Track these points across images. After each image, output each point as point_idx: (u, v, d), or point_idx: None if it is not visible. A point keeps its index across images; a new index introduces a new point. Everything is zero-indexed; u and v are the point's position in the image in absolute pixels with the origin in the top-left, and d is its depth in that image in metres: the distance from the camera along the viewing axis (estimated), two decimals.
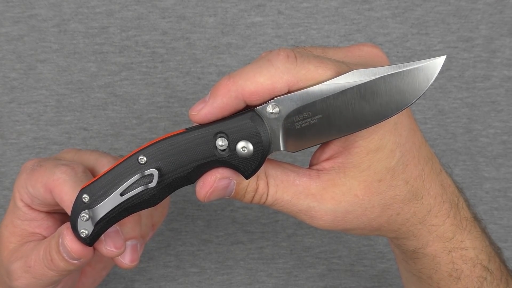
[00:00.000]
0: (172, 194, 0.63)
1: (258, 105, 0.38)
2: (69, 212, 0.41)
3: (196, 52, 0.61)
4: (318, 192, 0.40)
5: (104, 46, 0.60)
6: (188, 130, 0.38)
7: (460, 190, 0.46)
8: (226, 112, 0.38)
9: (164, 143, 0.38)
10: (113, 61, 0.61)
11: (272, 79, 0.37)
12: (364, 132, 0.39)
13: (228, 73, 0.62)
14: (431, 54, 0.62)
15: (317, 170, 0.41)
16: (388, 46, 0.62)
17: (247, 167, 0.38)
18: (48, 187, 0.43)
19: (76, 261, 0.42)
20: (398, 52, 0.62)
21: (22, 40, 0.60)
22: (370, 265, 0.65)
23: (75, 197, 0.40)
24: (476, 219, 0.46)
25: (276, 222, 0.64)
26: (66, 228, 0.42)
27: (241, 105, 0.38)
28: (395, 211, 0.42)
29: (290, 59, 0.37)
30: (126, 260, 0.44)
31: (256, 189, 0.40)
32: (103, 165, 0.45)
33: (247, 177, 0.39)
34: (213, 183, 0.39)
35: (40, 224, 0.45)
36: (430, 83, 0.38)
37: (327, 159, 0.41)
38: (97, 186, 0.39)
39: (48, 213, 0.46)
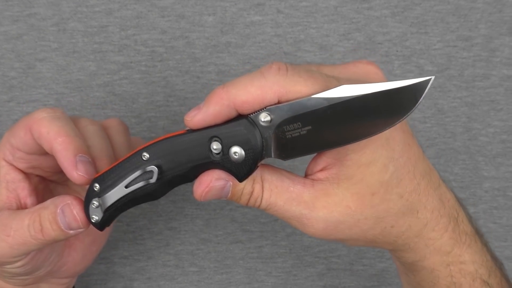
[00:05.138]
0: (171, 193, 0.63)
1: (252, 113, 0.39)
2: (48, 146, 0.43)
3: (195, 51, 0.61)
4: (311, 200, 0.41)
5: (103, 45, 0.60)
6: (188, 131, 0.40)
7: (461, 204, 0.47)
8: (218, 119, 0.39)
9: (165, 142, 0.40)
10: (112, 60, 0.61)
11: (262, 89, 0.38)
12: (355, 146, 0.40)
13: (228, 71, 0.62)
14: (431, 53, 0.62)
15: (312, 179, 0.42)
16: (387, 45, 0.62)
17: (239, 171, 0.40)
18: (28, 126, 0.44)
19: (71, 231, 0.43)
20: (397, 51, 0.62)
21: (21, 39, 0.60)
22: (369, 264, 0.65)
23: (53, 130, 0.43)
24: (478, 233, 0.47)
25: (275, 221, 0.64)
26: (73, 198, 0.43)
27: (233, 113, 0.39)
28: (389, 224, 0.43)
29: (281, 71, 0.39)
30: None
31: (252, 192, 0.41)
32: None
33: (240, 180, 0.40)
34: (209, 182, 0.40)
35: (17, 186, 0.46)
36: (419, 102, 0.39)
37: (321, 170, 0.42)
38: (106, 177, 0.42)
39: (27, 175, 0.47)
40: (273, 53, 0.61)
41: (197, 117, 0.39)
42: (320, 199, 0.41)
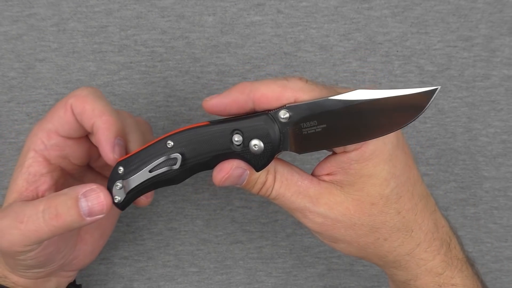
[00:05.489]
0: (171, 193, 0.63)
1: (273, 110, 0.43)
2: (89, 123, 0.45)
3: (195, 51, 0.61)
4: (315, 196, 0.45)
5: (103, 45, 0.60)
6: (211, 123, 0.44)
7: (454, 232, 0.49)
8: (233, 106, 0.43)
9: (189, 132, 0.44)
10: (112, 60, 0.61)
11: (282, 87, 0.43)
12: (359, 157, 0.44)
13: (228, 71, 0.62)
14: (431, 53, 0.62)
15: (318, 179, 0.46)
16: (387, 45, 0.62)
17: (257, 162, 0.43)
18: (68, 104, 0.46)
19: (89, 218, 0.44)
20: (397, 51, 0.62)
21: (21, 39, 0.60)
22: (369, 264, 0.65)
23: (98, 108, 0.45)
24: (469, 262, 0.49)
25: (275, 222, 0.64)
26: (98, 184, 0.44)
27: (248, 106, 0.43)
28: (383, 236, 0.46)
29: (303, 79, 0.43)
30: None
31: (265, 182, 0.45)
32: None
33: (257, 170, 0.44)
34: (230, 170, 0.44)
35: (38, 179, 0.47)
36: (425, 108, 0.42)
37: (327, 175, 0.45)
38: (131, 161, 0.45)
39: (51, 168, 0.47)
40: (273, 53, 0.61)
41: (214, 99, 0.43)
42: (324, 196, 0.45)
